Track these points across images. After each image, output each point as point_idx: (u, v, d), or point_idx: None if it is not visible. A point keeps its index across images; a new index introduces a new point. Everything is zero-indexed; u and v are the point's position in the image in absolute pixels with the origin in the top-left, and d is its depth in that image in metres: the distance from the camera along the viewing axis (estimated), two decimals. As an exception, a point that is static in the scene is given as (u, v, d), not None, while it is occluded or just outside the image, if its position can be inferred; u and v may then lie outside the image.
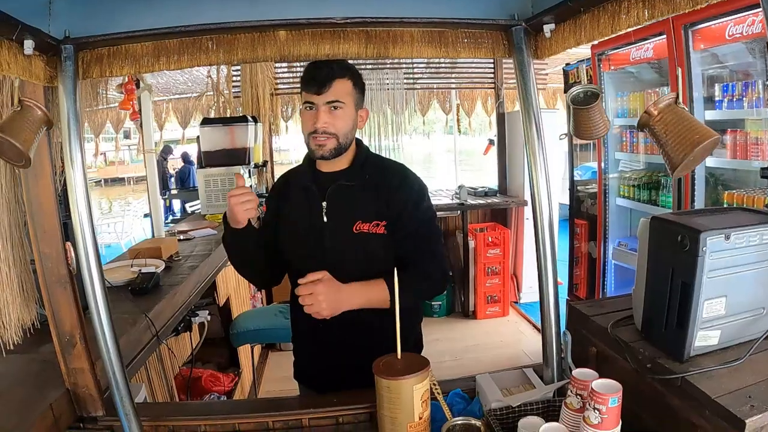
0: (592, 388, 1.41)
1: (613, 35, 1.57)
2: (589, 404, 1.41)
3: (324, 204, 2.19)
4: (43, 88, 1.78)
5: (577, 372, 1.57)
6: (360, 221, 2.15)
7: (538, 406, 1.73)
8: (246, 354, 4.72)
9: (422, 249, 2.20)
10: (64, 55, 1.66)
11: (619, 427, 1.43)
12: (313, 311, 1.97)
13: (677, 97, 1.68)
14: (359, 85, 2.20)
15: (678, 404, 1.57)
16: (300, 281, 1.98)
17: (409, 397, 1.62)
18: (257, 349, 5.25)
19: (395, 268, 1.87)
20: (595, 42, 5.14)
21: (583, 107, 1.85)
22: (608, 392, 1.39)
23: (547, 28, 1.77)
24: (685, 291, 1.62)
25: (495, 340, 6.33)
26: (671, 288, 1.67)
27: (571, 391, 1.55)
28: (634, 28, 1.50)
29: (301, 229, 2.23)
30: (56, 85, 1.69)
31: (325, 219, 2.18)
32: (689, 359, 1.64)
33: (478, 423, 1.63)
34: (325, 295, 1.96)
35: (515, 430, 1.58)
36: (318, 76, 2.05)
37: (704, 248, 1.55)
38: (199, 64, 1.78)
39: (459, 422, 1.65)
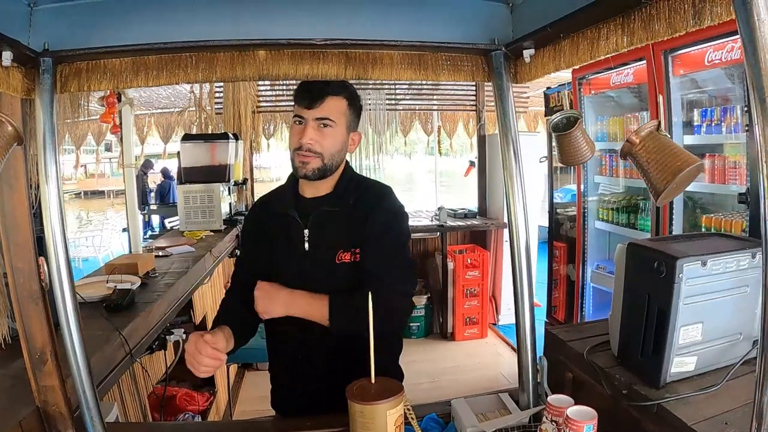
0: (567, 415, 1.40)
1: (593, 61, 1.58)
2: (564, 431, 1.40)
3: (306, 232, 2.10)
4: (20, 101, 1.76)
5: (552, 398, 1.56)
6: (341, 250, 2.06)
7: (514, 431, 1.72)
8: (222, 373, 4.68)
9: (377, 277, 1.99)
10: (43, 68, 1.64)
11: (594, 455, 1.42)
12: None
13: (659, 124, 1.69)
14: (355, 106, 2.12)
15: (654, 431, 1.56)
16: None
17: (383, 422, 1.59)
18: (233, 368, 5.21)
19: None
20: (576, 66, 5.21)
21: (564, 133, 1.86)
22: (583, 419, 1.38)
23: (527, 54, 1.78)
24: (661, 317, 1.62)
25: (473, 362, 6.33)
26: (647, 314, 1.67)
27: (547, 417, 1.54)
28: (613, 54, 1.51)
29: (282, 259, 2.14)
30: (33, 97, 1.67)
31: (306, 248, 2.09)
32: (665, 385, 1.64)
33: (452, 448, 1.61)
34: (261, 295, 2.02)
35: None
36: (311, 90, 1.98)
37: (680, 275, 1.56)
38: (178, 81, 1.76)
39: (433, 447, 1.63)
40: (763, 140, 0.98)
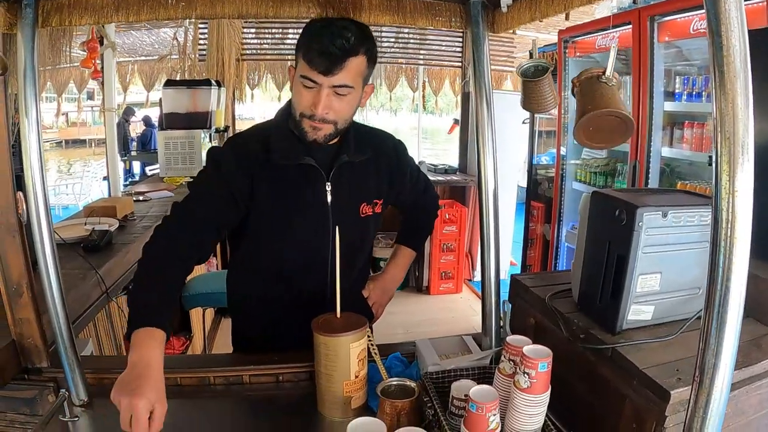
0: (522, 353, 1.45)
1: (565, 12, 1.60)
2: (520, 368, 1.45)
3: (328, 185, 1.95)
4: (1, 36, 1.77)
5: (511, 338, 1.60)
6: (364, 203, 2.02)
7: (474, 371, 1.76)
8: (198, 318, 4.71)
9: (424, 197, 2.46)
10: (25, 2, 1.64)
11: (547, 393, 1.47)
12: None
13: (603, 73, 1.75)
14: (372, 59, 1.84)
15: (608, 374, 1.61)
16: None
17: (346, 355, 1.65)
18: (209, 313, 5.24)
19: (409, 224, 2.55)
20: (563, 27, 5.21)
21: (533, 80, 1.90)
22: (539, 357, 1.43)
23: (504, 3, 1.79)
24: (620, 264, 1.66)
25: (447, 315, 6.39)
26: (607, 261, 1.71)
27: (505, 357, 1.59)
28: (587, 4, 1.54)
29: (298, 210, 1.96)
30: (15, 32, 1.68)
31: (329, 200, 1.96)
32: (622, 332, 1.68)
33: (413, 384, 1.65)
34: (379, 299, 2.58)
35: (450, 393, 1.61)
36: (329, 53, 1.68)
37: (640, 223, 1.58)
38: (158, 17, 1.76)
39: (394, 383, 1.67)
40: (718, 112, 1.01)
